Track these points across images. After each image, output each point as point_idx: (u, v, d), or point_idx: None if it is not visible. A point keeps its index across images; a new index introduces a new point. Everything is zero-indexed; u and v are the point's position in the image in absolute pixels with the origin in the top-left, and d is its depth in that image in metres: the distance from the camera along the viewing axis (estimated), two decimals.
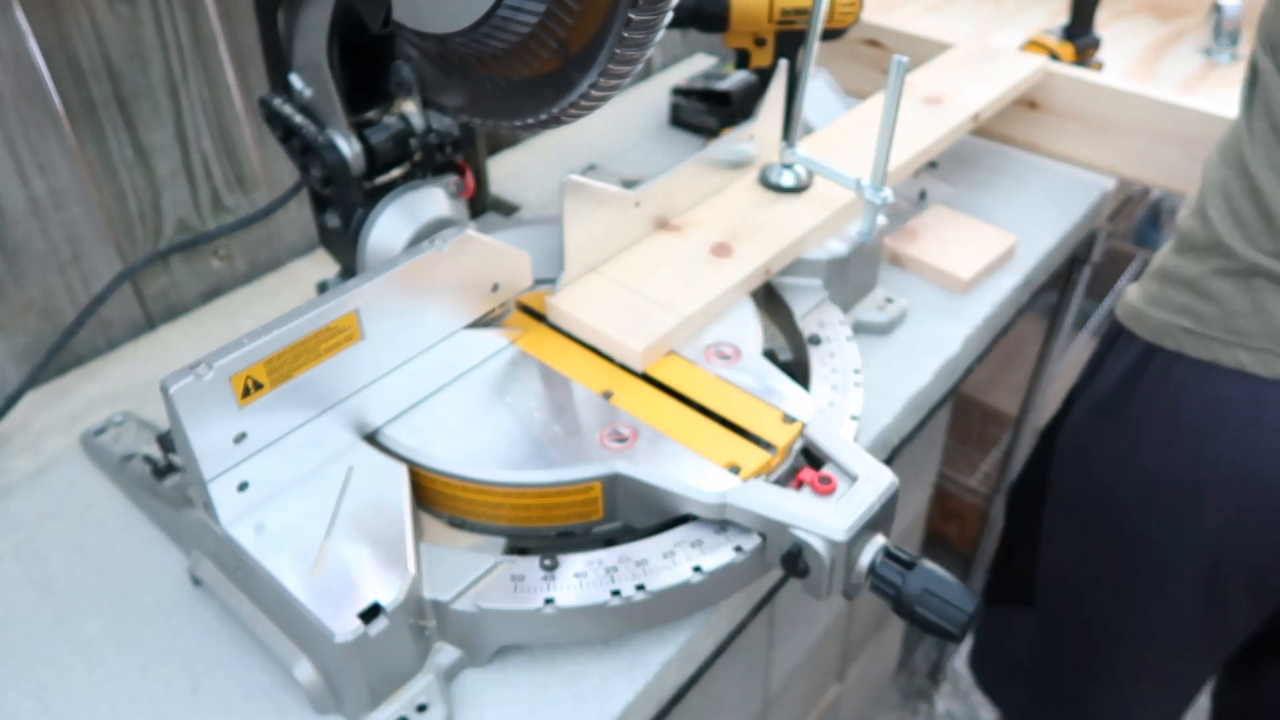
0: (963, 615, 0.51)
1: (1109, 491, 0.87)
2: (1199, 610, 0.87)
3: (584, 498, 0.57)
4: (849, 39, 1.10)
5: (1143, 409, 0.82)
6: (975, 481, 1.61)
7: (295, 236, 0.92)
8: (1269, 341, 0.73)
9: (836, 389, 0.66)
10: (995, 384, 1.70)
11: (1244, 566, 0.82)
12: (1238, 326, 0.75)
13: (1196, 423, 0.78)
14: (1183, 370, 0.79)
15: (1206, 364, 0.77)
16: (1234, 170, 0.74)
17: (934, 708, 1.70)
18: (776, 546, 0.54)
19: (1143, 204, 1.82)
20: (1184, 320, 0.78)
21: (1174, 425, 0.80)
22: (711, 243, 0.72)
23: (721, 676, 0.81)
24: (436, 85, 0.63)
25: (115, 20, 0.73)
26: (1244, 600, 0.86)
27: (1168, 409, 0.80)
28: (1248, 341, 0.74)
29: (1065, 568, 0.96)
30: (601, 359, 0.64)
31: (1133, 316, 0.83)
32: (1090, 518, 0.91)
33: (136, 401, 0.75)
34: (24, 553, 0.64)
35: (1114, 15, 1.33)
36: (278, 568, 0.51)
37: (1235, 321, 0.75)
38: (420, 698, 0.53)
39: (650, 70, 1.28)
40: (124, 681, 0.57)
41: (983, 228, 0.90)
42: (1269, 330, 0.73)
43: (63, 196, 0.75)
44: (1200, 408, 0.78)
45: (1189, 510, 0.82)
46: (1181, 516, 0.82)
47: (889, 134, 0.67)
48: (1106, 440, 0.87)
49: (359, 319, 0.55)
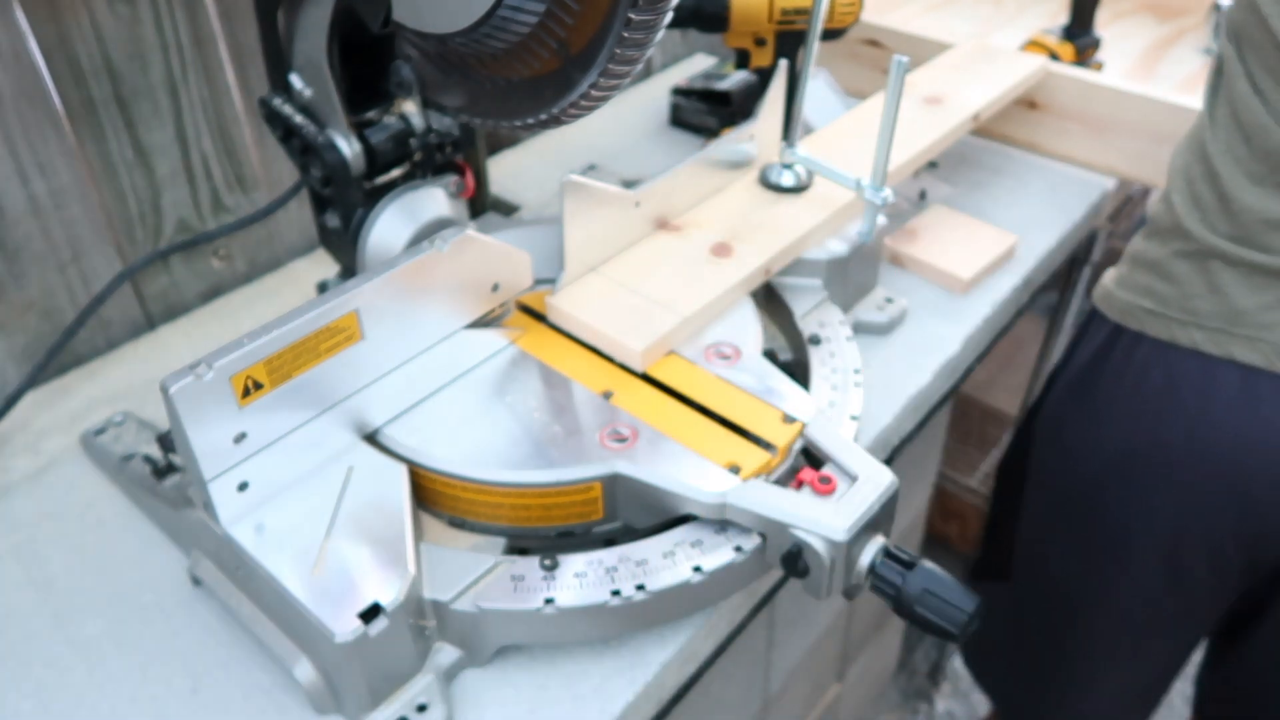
0: (963, 615, 0.51)
1: (1078, 469, 0.90)
2: (1160, 586, 0.90)
3: (584, 498, 0.57)
4: (849, 39, 1.10)
5: (1110, 388, 0.85)
6: (975, 481, 1.61)
7: (295, 236, 0.92)
8: (1222, 321, 0.76)
9: (836, 389, 0.66)
10: (995, 384, 1.70)
11: (1203, 542, 0.84)
12: (1194, 307, 0.77)
13: (1155, 401, 0.81)
14: (1145, 350, 0.81)
15: (1166, 344, 0.79)
16: (1195, 156, 0.76)
17: (934, 708, 1.70)
18: (776, 546, 0.54)
19: (1143, 204, 1.81)
20: (1146, 301, 0.80)
21: (1136, 404, 0.83)
22: (711, 243, 0.72)
23: (721, 676, 0.81)
24: (436, 85, 0.63)
25: (115, 20, 0.74)
26: (1207, 577, 0.87)
27: (1131, 388, 0.83)
28: (1202, 321, 0.77)
29: (1039, 544, 1.00)
30: (601, 359, 0.64)
31: (1103, 298, 0.86)
32: (1062, 495, 0.93)
33: (136, 401, 0.75)
34: (24, 553, 0.64)
35: (1114, 15, 1.33)
36: (278, 568, 0.51)
37: (1192, 302, 0.77)
38: (420, 698, 0.53)
39: (650, 70, 1.28)
40: (124, 681, 0.57)
41: (983, 228, 0.90)
42: (1223, 311, 0.75)
43: (63, 196, 0.75)
44: (1159, 386, 0.80)
45: (1149, 487, 0.84)
46: (1142, 493, 0.85)
47: (889, 134, 0.67)
48: (1078, 419, 0.89)
49: (359, 319, 0.55)
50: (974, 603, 0.51)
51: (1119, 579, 0.91)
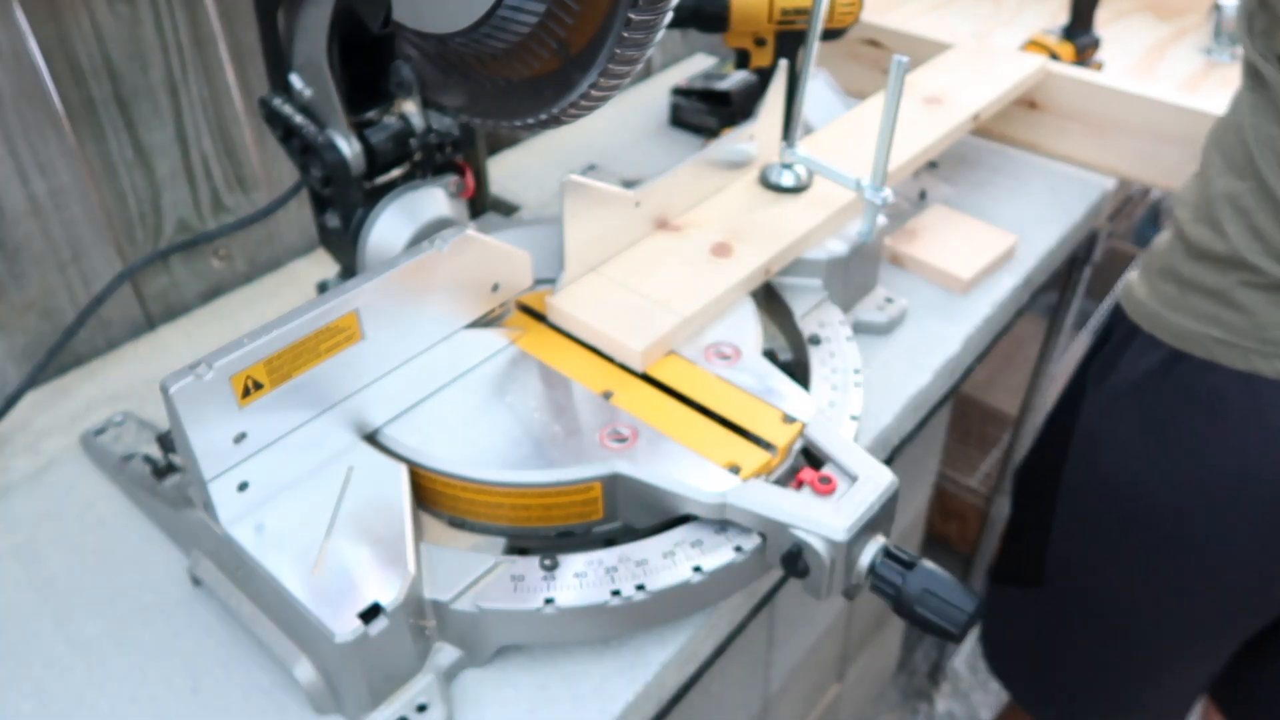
0: (963, 615, 0.51)
1: (1132, 489, 0.87)
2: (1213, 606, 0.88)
3: (584, 498, 0.57)
4: (849, 39, 1.10)
5: (1173, 414, 0.82)
6: (975, 481, 1.61)
7: (295, 236, 0.92)
8: None
9: (836, 389, 0.66)
10: (995, 384, 1.70)
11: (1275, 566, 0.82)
12: (1273, 337, 0.74)
13: (1239, 432, 0.78)
14: (1220, 380, 0.78)
15: (1245, 374, 0.76)
16: (1248, 184, 0.73)
17: (934, 708, 1.70)
18: (776, 546, 0.54)
19: (1143, 204, 1.82)
20: (1215, 330, 0.77)
21: (1213, 433, 0.80)
22: (711, 243, 0.72)
23: (721, 676, 0.81)
24: (436, 85, 0.63)
25: (115, 20, 0.74)
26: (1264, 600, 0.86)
27: (1204, 417, 0.80)
28: None
29: (1076, 556, 0.97)
30: (601, 359, 0.64)
31: (1151, 319, 0.82)
32: (1107, 511, 0.91)
33: (136, 401, 0.75)
34: (24, 553, 0.64)
35: (1114, 15, 1.33)
36: (278, 568, 0.51)
37: (1270, 332, 0.74)
38: (420, 698, 0.53)
39: (650, 70, 1.28)
40: (124, 681, 0.57)
41: (983, 228, 0.90)
42: None
43: (63, 196, 0.75)
44: (1242, 417, 0.77)
45: (1226, 515, 0.82)
46: (1220, 523, 0.82)
47: (889, 134, 0.67)
48: (1128, 438, 0.86)
49: (359, 319, 0.55)
50: (974, 603, 0.51)
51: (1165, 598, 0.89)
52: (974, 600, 0.51)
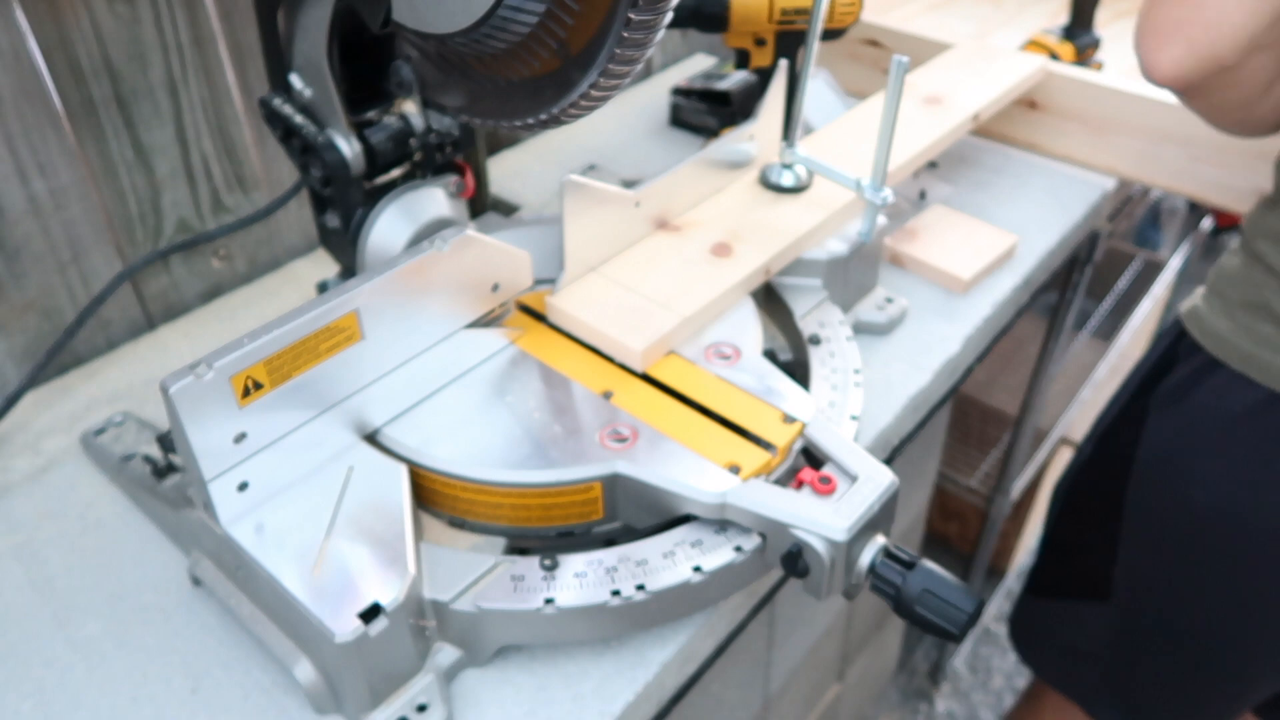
0: (963, 615, 0.51)
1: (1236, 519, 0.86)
2: None
3: (584, 498, 0.57)
4: (849, 39, 1.10)
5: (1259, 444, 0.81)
6: (975, 481, 1.61)
7: (295, 236, 0.92)
8: None
9: (836, 389, 0.66)
10: (995, 384, 1.70)
11: None
12: None
13: None
14: None
15: None
16: None
17: (934, 708, 1.70)
18: (776, 546, 0.54)
19: (1143, 204, 1.82)
20: None
21: None
22: (711, 243, 0.72)
23: (721, 676, 0.81)
24: (436, 85, 0.63)
25: (115, 20, 0.74)
26: None
27: None
28: None
29: (1158, 576, 0.96)
30: (601, 359, 0.64)
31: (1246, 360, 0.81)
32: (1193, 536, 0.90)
33: (136, 401, 0.75)
34: (24, 553, 0.64)
35: (1114, 15, 1.33)
36: (278, 568, 0.51)
37: None
38: (420, 698, 0.53)
39: (650, 70, 1.28)
40: (124, 681, 0.57)
41: (983, 228, 0.90)
42: None
43: (63, 196, 0.75)
44: None
45: None
46: None
47: (889, 134, 0.67)
48: (1223, 473, 0.86)
49: (359, 319, 0.55)
50: (974, 603, 0.51)
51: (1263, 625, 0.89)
52: (974, 600, 0.51)
